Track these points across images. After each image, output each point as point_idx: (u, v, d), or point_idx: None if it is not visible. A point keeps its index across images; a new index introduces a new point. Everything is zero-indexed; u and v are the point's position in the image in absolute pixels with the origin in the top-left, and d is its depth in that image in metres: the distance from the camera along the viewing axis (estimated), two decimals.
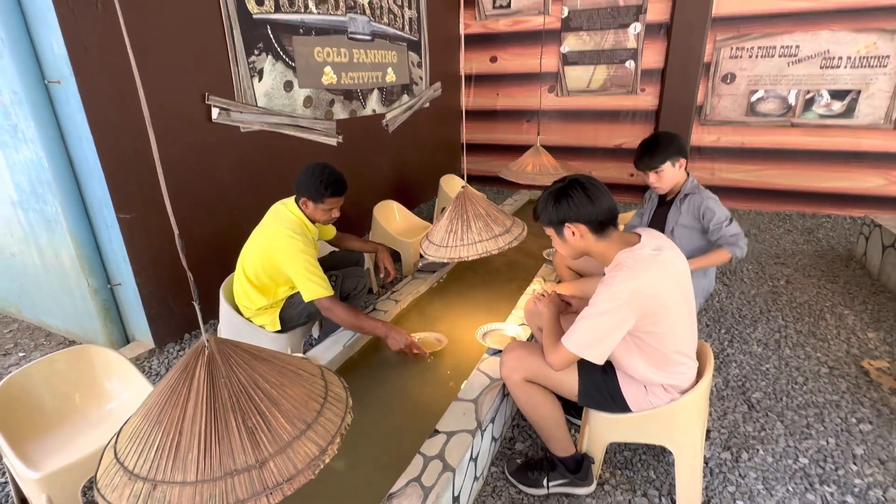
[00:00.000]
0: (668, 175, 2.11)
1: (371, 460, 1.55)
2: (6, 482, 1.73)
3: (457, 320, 2.36)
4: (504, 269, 2.90)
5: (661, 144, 2.09)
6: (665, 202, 2.25)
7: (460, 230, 1.88)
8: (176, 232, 0.80)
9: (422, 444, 1.46)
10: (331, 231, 2.37)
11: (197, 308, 0.81)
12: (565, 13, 4.80)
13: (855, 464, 1.73)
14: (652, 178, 2.14)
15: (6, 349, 2.62)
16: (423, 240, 1.98)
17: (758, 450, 1.80)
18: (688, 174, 2.17)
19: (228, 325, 2.17)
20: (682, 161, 2.11)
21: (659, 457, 1.77)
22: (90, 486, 1.68)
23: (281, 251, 1.90)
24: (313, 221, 2.05)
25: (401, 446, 1.54)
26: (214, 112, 2.61)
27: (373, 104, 3.97)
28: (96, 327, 2.50)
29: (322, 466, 0.72)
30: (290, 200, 2.05)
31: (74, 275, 2.41)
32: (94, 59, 2.05)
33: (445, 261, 1.88)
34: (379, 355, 2.07)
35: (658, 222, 2.25)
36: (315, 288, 1.87)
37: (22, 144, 2.21)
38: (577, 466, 1.59)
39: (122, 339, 2.59)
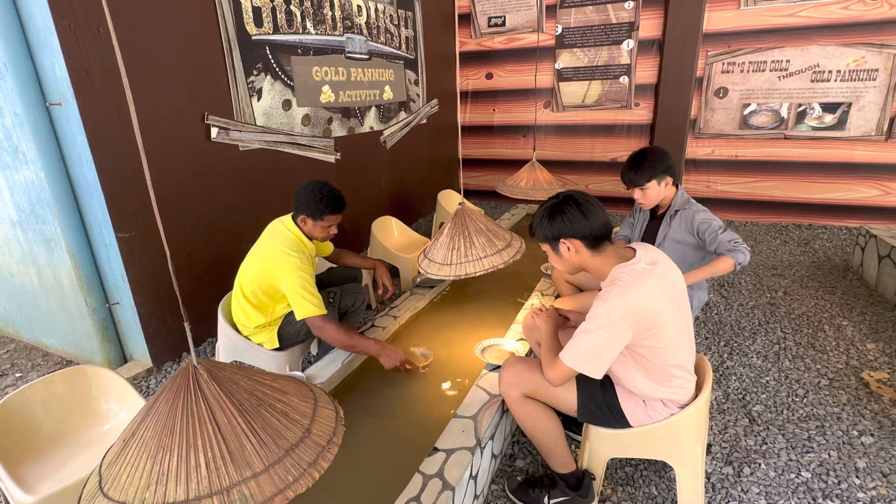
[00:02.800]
0: (653, 193, 2.09)
1: (369, 479, 1.53)
2: None
3: (455, 336, 2.35)
4: (502, 284, 2.91)
5: (647, 162, 2.06)
6: (656, 216, 2.24)
7: (463, 247, 1.88)
8: (167, 253, 0.83)
9: (421, 462, 1.45)
10: (328, 247, 2.38)
11: (187, 328, 0.82)
12: (559, 30, 4.89)
13: (857, 477, 1.72)
14: (637, 193, 2.12)
15: (3, 370, 2.61)
16: (420, 259, 1.97)
17: (760, 464, 1.79)
18: (677, 187, 2.15)
19: (227, 344, 2.17)
20: (669, 179, 2.08)
21: (660, 472, 1.76)
22: None
23: (277, 268, 1.91)
24: (311, 238, 2.06)
25: (399, 465, 1.52)
26: (214, 131, 2.64)
27: (370, 121, 4.01)
28: (94, 347, 2.49)
29: (343, 422, 0.86)
30: (287, 218, 2.06)
31: (73, 294, 2.41)
32: (95, 82, 2.08)
33: (452, 278, 1.85)
34: (377, 372, 2.06)
35: (650, 236, 2.25)
36: (307, 306, 1.86)
37: (22, 165, 2.23)
38: (578, 483, 1.58)
39: (120, 358, 2.58)
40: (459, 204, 2.03)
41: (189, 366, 0.78)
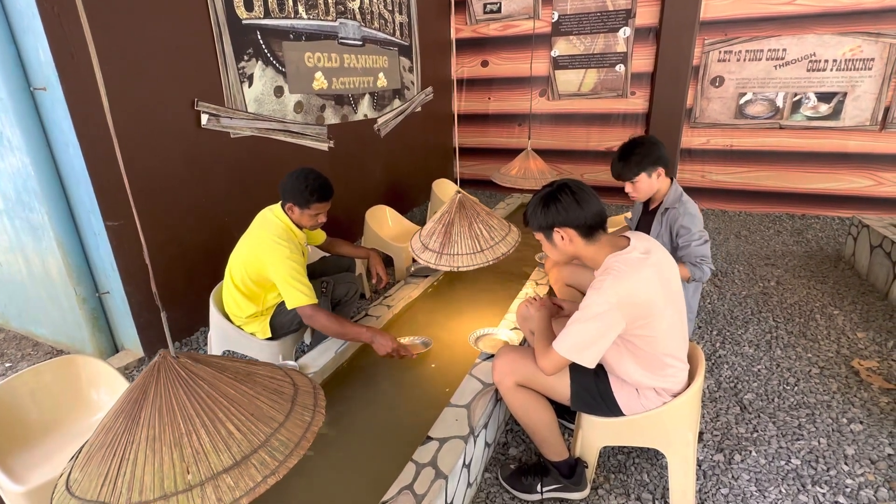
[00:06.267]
0: (644, 186, 2.00)
1: (363, 468, 1.54)
2: None
3: (449, 325, 2.35)
4: (496, 273, 2.90)
5: (636, 154, 1.95)
6: (649, 210, 2.17)
7: (485, 231, 1.87)
8: (143, 242, 0.86)
9: (414, 451, 1.45)
10: (320, 236, 2.36)
11: (163, 318, 0.84)
12: (555, 17, 4.83)
13: (846, 464, 1.74)
14: (627, 187, 2.03)
15: None
16: (436, 259, 1.87)
17: (750, 451, 1.80)
18: (671, 181, 2.06)
19: (219, 333, 2.15)
20: (660, 170, 1.98)
21: (652, 460, 1.77)
22: None
23: (267, 257, 1.88)
24: (300, 227, 2.03)
25: (393, 453, 1.52)
26: (204, 118, 2.60)
27: (364, 109, 3.96)
28: (84, 336, 2.46)
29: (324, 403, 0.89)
30: (277, 206, 2.04)
31: (62, 283, 2.37)
32: (80, 66, 2.04)
33: (491, 263, 1.84)
34: (370, 362, 2.06)
35: (643, 231, 2.20)
36: (298, 295, 1.84)
37: (7, 152, 2.18)
38: (571, 471, 1.59)
39: (111, 348, 2.56)
40: (457, 192, 2.01)
41: (167, 357, 0.79)
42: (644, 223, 2.21)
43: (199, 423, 0.73)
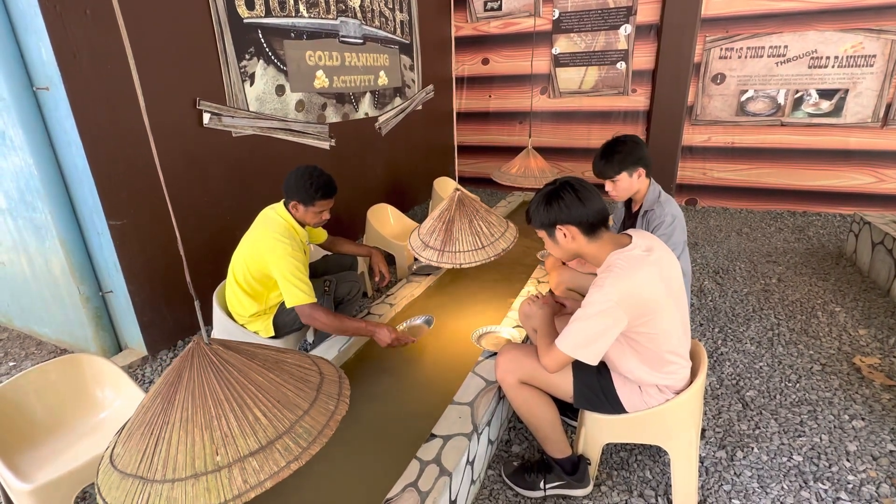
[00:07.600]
0: (624, 185, 1.99)
1: (367, 466, 1.54)
2: None
3: (452, 323, 2.35)
4: (498, 271, 2.90)
5: (618, 153, 1.96)
6: (633, 214, 2.15)
7: (485, 227, 1.88)
8: (176, 229, 0.85)
9: (418, 448, 1.46)
10: (322, 234, 2.36)
11: (197, 306, 0.85)
12: (556, 15, 4.83)
13: (848, 460, 1.74)
14: (608, 185, 2.03)
15: None
16: (438, 256, 1.89)
17: (752, 448, 1.81)
18: (650, 181, 2.05)
19: (222, 332, 2.15)
20: (641, 171, 1.97)
21: (655, 457, 1.78)
22: (83, 496, 1.66)
23: (268, 255, 1.89)
24: (303, 225, 2.04)
25: (397, 451, 1.53)
26: (206, 117, 2.60)
27: (365, 107, 3.96)
28: (88, 335, 2.47)
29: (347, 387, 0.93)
30: (279, 205, 2.04)
31: (65, 282, 2.38)
32: (83, 65, 2.04)
33: (493, 258, 1.86)
34: (374, 359, 2.07)
35: None
36: (297, 293, 1.84)
37: (10, 151, 2.19)
38: (574, 468, 1.59)
39: (115, 346, 2.56)
40: (456, 189, 2.02)
41: (200, 343, 0.82)
42: (628, 227, 2.19)
43: (229, 408, 0.76)
